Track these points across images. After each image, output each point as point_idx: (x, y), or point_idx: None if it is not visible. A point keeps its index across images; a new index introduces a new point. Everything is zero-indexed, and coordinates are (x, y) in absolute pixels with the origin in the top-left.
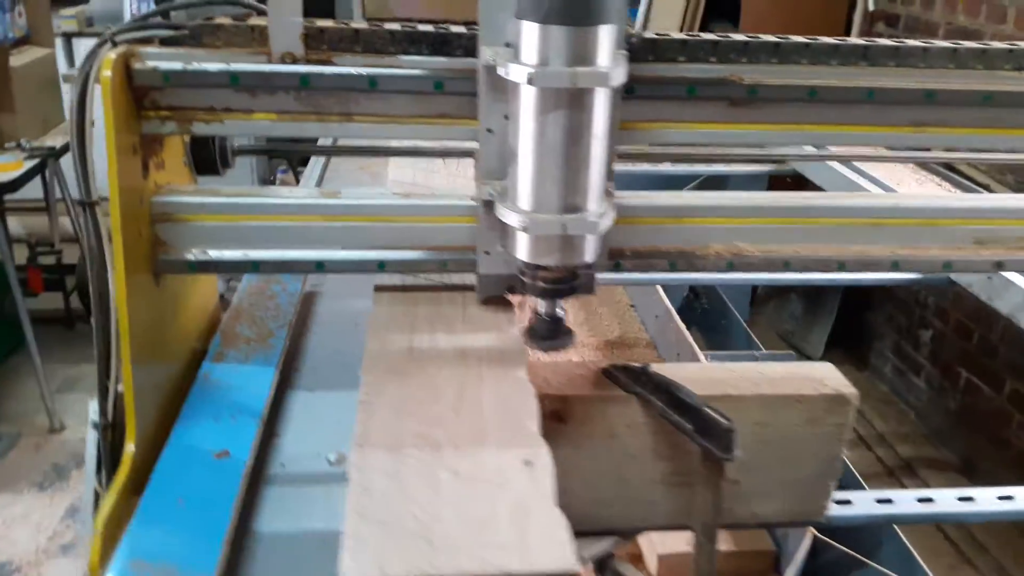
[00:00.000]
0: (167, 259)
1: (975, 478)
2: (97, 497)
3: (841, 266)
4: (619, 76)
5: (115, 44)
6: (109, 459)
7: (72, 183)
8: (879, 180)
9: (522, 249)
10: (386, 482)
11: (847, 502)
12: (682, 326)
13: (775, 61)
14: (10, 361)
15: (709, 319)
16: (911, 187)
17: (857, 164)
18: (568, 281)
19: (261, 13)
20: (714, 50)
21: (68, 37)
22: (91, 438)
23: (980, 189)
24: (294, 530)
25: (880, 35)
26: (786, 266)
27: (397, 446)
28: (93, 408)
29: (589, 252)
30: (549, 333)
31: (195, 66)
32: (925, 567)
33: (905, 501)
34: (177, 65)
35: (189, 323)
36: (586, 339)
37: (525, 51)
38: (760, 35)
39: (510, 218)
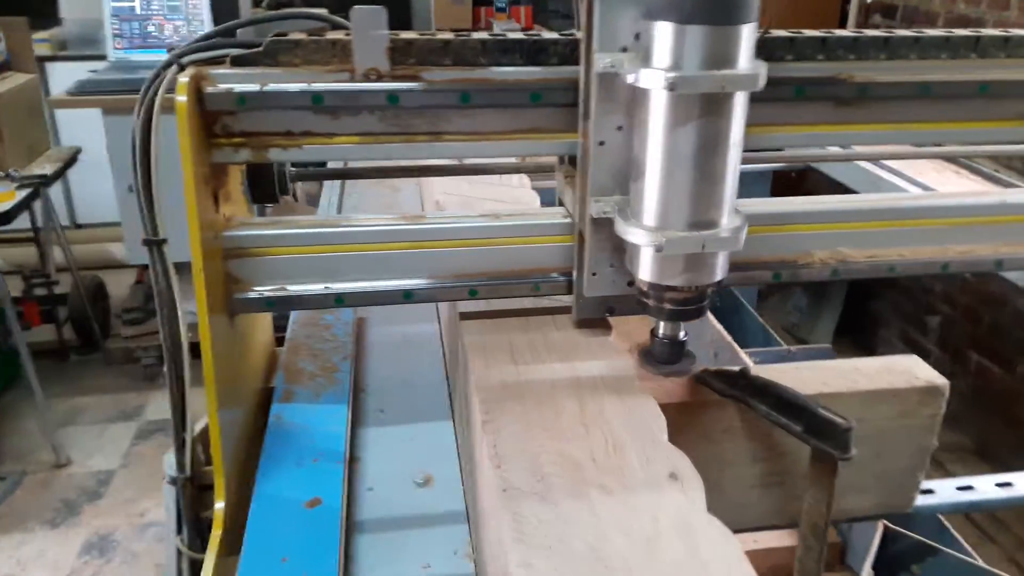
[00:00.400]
0: (242, 298)
1: (990, 460)
2: (180, 556)
3: (945, 267)
4: (763, 78)
5: (182, 67)
6: (192, 515)
7: (62, 212)
8: (903, 174)
9: (648, 269)
10: (538, 504)
11: (930, 491)
12: (719, 326)
13: (883, 57)
14: (5, 397)
15: (721, 316)
16: (931, 177)
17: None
18: (697, 302)
19: (337, 27)
20: (822, 47)
21: (41, 61)
22: (168, 494)
23: (1007, 178)
24: (392, 501)
25: (877, 27)
26: (891, 270)
27: (537, 465)
28: (169, 463)
29: (720, 269)
30: (670, 357)
31: (273, 87)
32: (967, 546)
33: (985, 487)
34: (253, 86)
35: (255, 362)
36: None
37: (658, 55)
38: (865, 30)
39: (636, 236)
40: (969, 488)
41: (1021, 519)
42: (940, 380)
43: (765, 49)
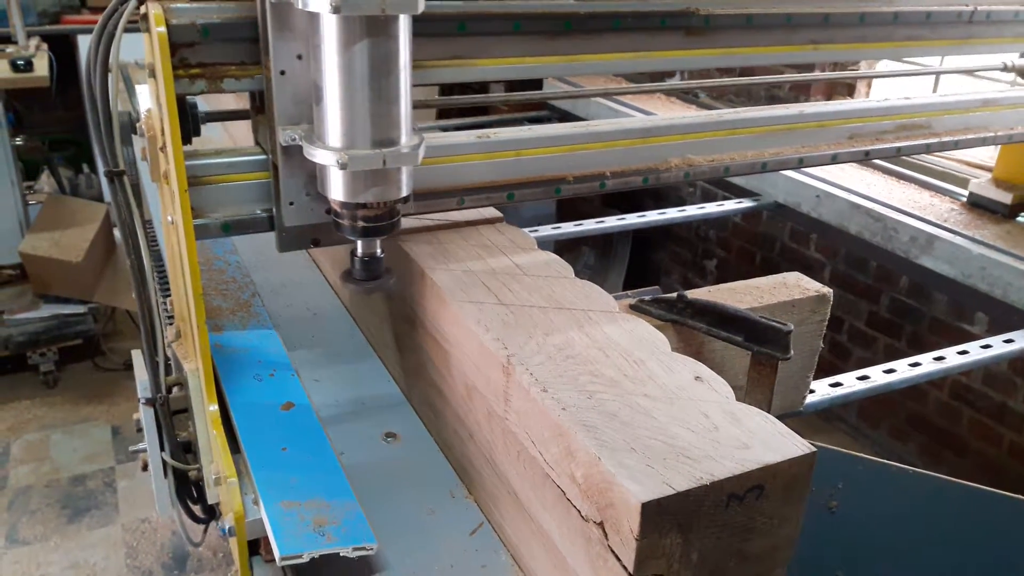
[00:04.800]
0: (202, 224)
1: None
2: (176, 472)
3: (764, 166)
4: (422, 3)
5: None
6: (171, 430)
7: None
8: (644, 109)
9: (339, 189)
10: (600, 417)
11: (811, 391)
12: None
13: None
14: None
15: None
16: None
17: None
18: (388, 218)
19: None
20: None
21: None
22: (147, 415)
23: (716, 106)
24: (369, 460)
25: None
26: (726, 171)
27: (579, 385)
28: (143, 386)
29: (405, 185)
30: (371, 273)
31: (233, 18)
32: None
33: (849, 382)
34: (214, 18)
35: None
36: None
37: None
38: None
39: (323, 157)
40: (839, 384)
41: None
42: (826, 289)
43: None
